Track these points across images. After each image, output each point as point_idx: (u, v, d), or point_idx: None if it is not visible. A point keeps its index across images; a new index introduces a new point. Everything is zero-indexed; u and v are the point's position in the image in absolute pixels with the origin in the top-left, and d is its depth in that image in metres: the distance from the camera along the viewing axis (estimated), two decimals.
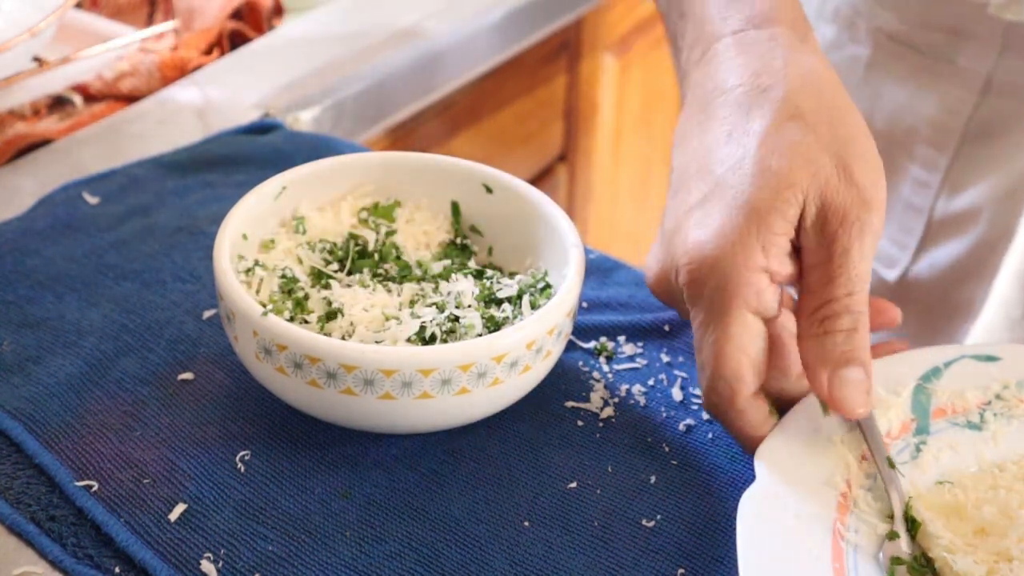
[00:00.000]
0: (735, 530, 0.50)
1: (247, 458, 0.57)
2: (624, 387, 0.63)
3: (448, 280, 0.61)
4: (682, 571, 0.53)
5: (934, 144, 0.83)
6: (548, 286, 0.60)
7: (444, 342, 0.56)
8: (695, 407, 0.62)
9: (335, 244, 0.64)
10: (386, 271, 0.63)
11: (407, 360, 0.53)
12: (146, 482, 0.56)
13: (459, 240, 0.66)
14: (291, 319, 0.57)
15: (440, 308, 0.58)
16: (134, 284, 0.68)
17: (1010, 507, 0.52)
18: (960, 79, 0.81)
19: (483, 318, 0.57)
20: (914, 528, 0.52)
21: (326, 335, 0.56)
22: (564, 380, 0.63)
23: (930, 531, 0.51)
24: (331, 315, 0.58)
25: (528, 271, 0.63)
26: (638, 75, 1.43)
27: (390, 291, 0.60)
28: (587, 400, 0.62)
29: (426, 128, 1.07)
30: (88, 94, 0.90)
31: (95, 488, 0.55)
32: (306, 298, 0.59)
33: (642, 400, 0.62)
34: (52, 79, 0.89)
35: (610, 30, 1.33)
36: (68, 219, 0.73)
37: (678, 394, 0.62)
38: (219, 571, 0.52)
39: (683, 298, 0.56)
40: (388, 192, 0.67)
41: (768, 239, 0.53)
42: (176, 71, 0.92)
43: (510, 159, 1.24)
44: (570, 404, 0.62)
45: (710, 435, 0.60)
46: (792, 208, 0.53)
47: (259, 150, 0.81)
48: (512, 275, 0.63)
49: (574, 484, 0.57)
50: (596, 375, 0.63)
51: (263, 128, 0.85)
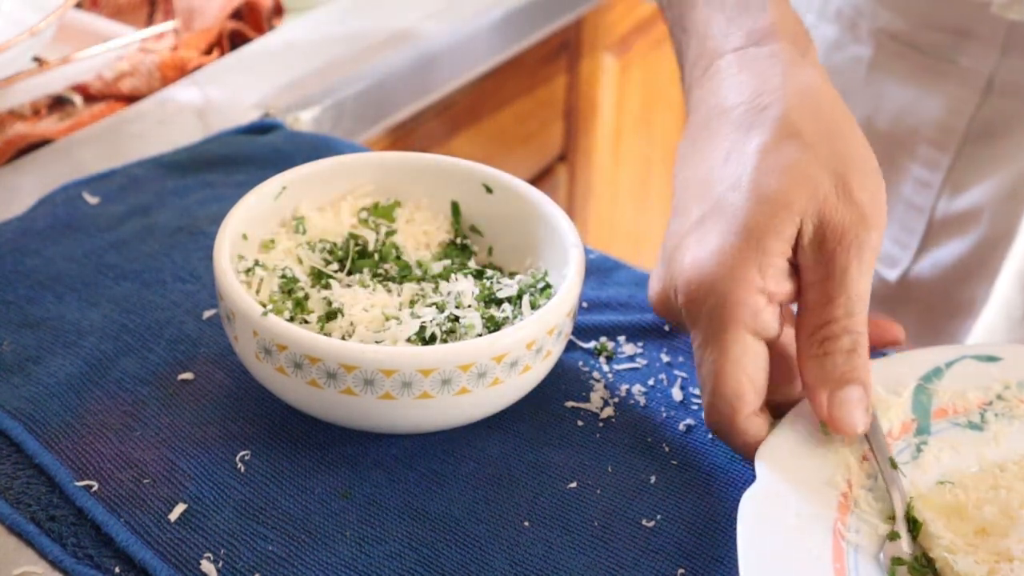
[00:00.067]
0: (735, 530, 0.50)
1: (247, 458, 0.57)
2: (624, 387, 0.63)
3: (448, 280, 0.61)
4: (682, 571, 0.53)
5: (936, 144, 0.83)
6: (548, 286, 0.60)
7: (444, 342, 0.56)
8: (695, 407, 0.62)
9: (335, 244, 0.64)
10: (386, 271, 0.62)
11: (407, 360, 0.53)
12: (146, 482, 0.56)
13: (459, 240, 0.66)
14: (291, 319, 0.57)
15: (440, 308, 0.58)
16: (134, 284, 0.68)
17: (1011, 507, 0.52)
18: (962, 79, 0.81)
19: (483, 318, 0.57)
20: (915, 528, 0.52)
21: (326, 335, 0.56)
22: (564, 380, 0.63)
23: (931, 531, 0.51)
24: (331, 315, 0.57)
25: (528, 271, 0.63)
26: (638, 75, 1.43)
27: (390, 291, 0.60)
28: (587, 400, 0.62)
29: (426, 128, 1.07)
30: (88, 94, 0.90)
31: (95, 488, 0.55)
32: (306, 298, 0.59)
33: (642, 400, 0.62)
34: (52, 79, 0.89)
35: (610, 30, 1.33)
36: (68, 219, 0.73)
37: (678, 394, 0.62)
38: (219, 571, 0.52)
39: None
40: (388, 192, 0.66)
41: (765, 260, 0.53)
42: (176, 71, 0.91)
43: (510, 159, 1.24)
44: (570, 404, 0.62)
45: (710, 435, 0.60)
46: (789, 228, 0.53)
47: (259, 150, 0.81)
48: (512, 275, 0.63)
49: (574, 484, 0.57)
50: (596, 375, 0.63)
51: (263, 128, 0.85)
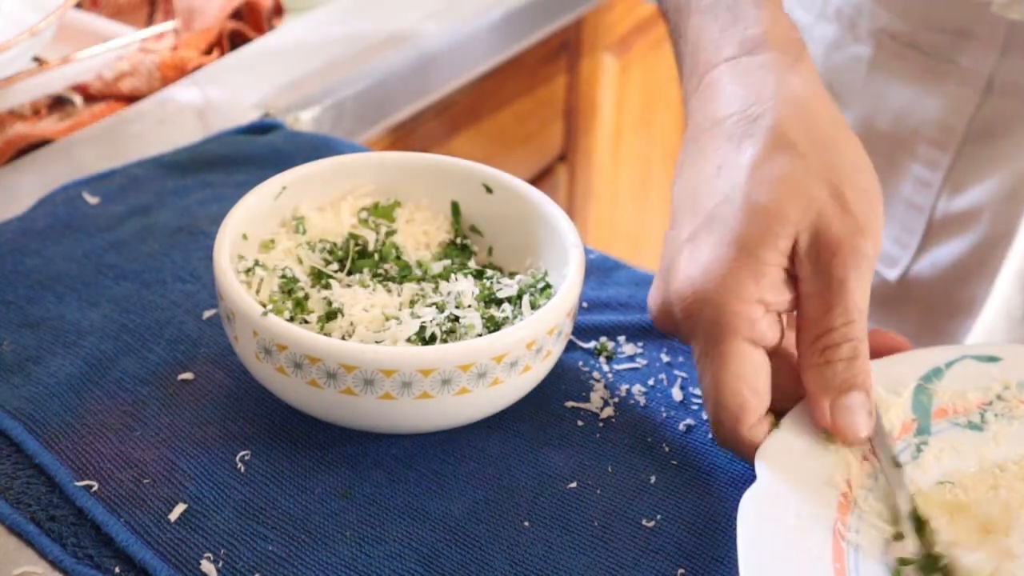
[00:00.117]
0: (735, 530, 0.50)
1: (247, 458, 0.57)
2: (624, 387, 0.63)
3: (448, 280, 0.61)
4: (682, 571, 0.53)
5: (936, 143, 0.83)
6: (548, 286, 0.60)
7: (444, 342, 0.56)
8: (695, 407, 0.62)
9: (335, 244, 0.64)
10: (386, 271, 0.62)
11: (407, 360, 0.53)
12: (146, 482, 0.56)
13: (459, 240, 0.66)
14: (291, 319, 0.57)
15: (440, 308, 0.58)
16: (134, 284, 0.68)
17: (1012, 506, 0.52)
18: (962, 79, 0.81)
19: (483, 318, 0.57)
20: (920, 527, 0.52)
21: (326, 335, 0.56)
22: (564, 380, 0.63)
23: (935, 528, 0.51)
24: (331, 315, 0.57)
25: (528, 271, 0.63)
26: (638, 75, 1.43)
27: (390, 291, 0.60)
28: (587, 400, 0.62)
29: (426, 128, 1.07)
30: (88, 94, 0.90)
31: (95, 488, 0.55)
32: (306, 298, 0.59)
33: (642, 400, 0.62)
34: (52, 79, 0.89)
35: (610, 30, 1.33)
36: (68, 219, 0.73)
37: (678, 394, 0.62)
38: (219, 571, 0.52)
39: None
40: (388, 192, 0.66)
41: (759, 271, 0.53)
42: (176, 71, 0.92)
43: (510, 159, 1.24)
44: (570, 404, 0.62)
45: (710, 435, 0.60)
46: (783, 240, 0.53)
47: (259, 150, 0.81)
48: (512, 275, 0.63)
49: (574, 484, 0.57)
50: (596, 375, 0.63)
51: (263, 128, 0.85)
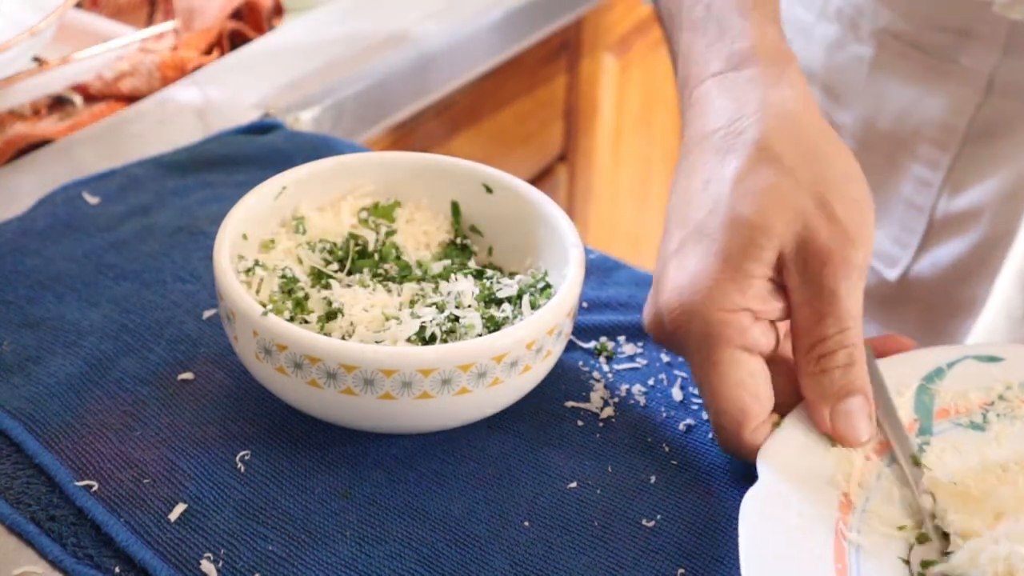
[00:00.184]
0: (735, 530, 0.50)
1: (247, 458, 0.57)
2: (624, 387, 0.63)
3: (448, 280, 0.61)
4: (682, 571, 0.53)
5: (937, 143, 0.83)
6: (548, 286, 0.60)
7: (444, 342, 0.56)
8: (695, 407, 0.62)
9: (335, 244, 0.64)
10: (386, 271, 0.62)
11: (407, 360, 0.53)
12: (146, 482, 0.55)
13: (459, 240, 0.66)
14: (291, 319, 0.57)
15: (440, 308, 0.58)
16: (134, 284, 0.68)
17: (1020, 497, 0.52)
18: (963, 79, 0.81)
19: (483, 318, 0.57)
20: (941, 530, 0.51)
21: (326, 335, 0.56)
22: (564, 380, 0.63)
23: (951, 520, 0.51)
24: (331, 315, 0.57)
25: (528, 271, 0.63)
26: (638, 75, 1.43)
27: (390, 291, 0.60)
28: (587, 400, 0.62)
29: (426, 128, 1.07)
30: (88, 94, 0.90)
31: (95, 488, 0.55)
32: (306, 298, 0.59)
33: (642, 400, 0.62)
34: (52, 79, 0.89)
35: (610, 30, 1.33)
36: (68, 219, 0.73)
37: (678, 394, 0.62)
38: (219, 571, 0.52)
39: None
40: (388, 192, 0.66)
41: (744, 282, 0.53)
42: (176, 71, 0.91)
43: (510, 159, 1.24)
44: (570, 404, 0.61)
45: (710, 435, 0.60)
46: (767, 252, 0.53)
47: (259, 150, 0.81)
48: (512, 275, 0.63)
49: (574, 484, 0.57)
50: (596, 375, 0.63)
51: (263, 128, 0.85)
